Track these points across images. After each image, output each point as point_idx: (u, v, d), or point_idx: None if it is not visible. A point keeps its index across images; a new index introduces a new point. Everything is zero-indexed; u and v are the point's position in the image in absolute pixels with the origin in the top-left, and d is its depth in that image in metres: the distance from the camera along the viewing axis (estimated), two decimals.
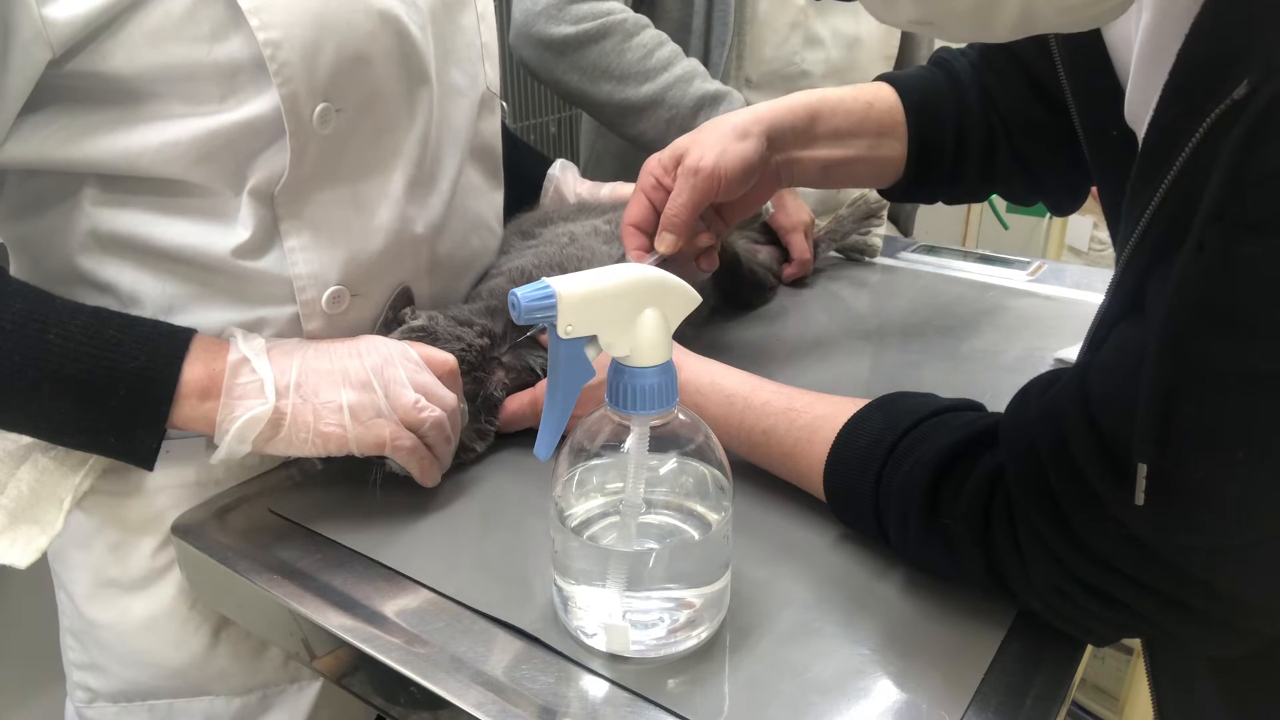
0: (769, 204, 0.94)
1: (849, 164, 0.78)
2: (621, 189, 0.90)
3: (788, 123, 0.75)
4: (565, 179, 0.95)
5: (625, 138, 1.11)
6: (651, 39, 1.05)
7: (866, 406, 0.59)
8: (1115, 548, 0.45)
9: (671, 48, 1.06)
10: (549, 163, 0.95)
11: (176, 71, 0.56)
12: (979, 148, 0.78)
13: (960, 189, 0.82)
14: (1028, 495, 0.48)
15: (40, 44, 0.53)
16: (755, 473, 0.65)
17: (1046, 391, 0.50)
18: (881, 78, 0.80)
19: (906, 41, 1.27)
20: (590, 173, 1.30)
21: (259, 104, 0.58)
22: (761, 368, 0.67)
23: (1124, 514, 0.44)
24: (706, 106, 1.05)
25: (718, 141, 0.72)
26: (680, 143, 0.75)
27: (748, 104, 1.09)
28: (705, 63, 1.11)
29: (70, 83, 0.56)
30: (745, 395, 0.64)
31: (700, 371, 0.66)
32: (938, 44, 1.32)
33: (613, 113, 1.08)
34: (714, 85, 1.06)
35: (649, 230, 0.75)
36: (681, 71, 1.05)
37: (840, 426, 0.58)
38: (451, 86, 0.73)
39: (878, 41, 1.22)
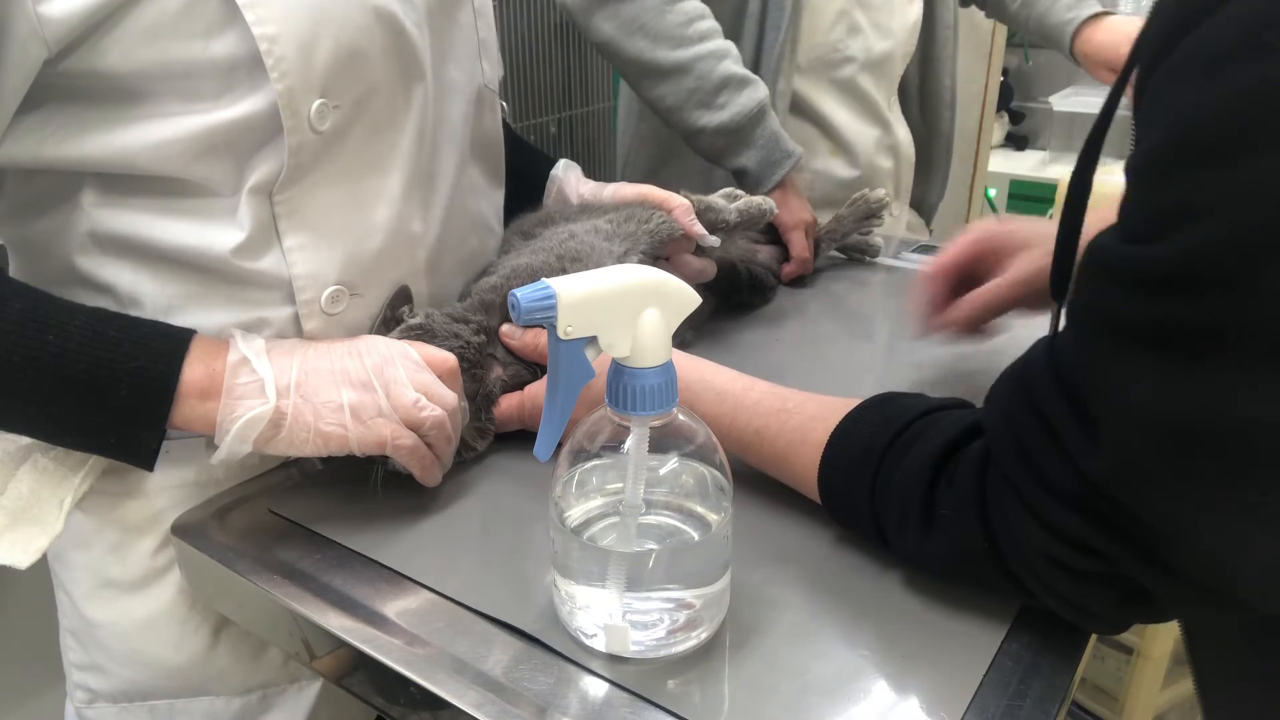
0: (774, 203, 0.95)
1: None
2: (624, 190, 0.90)
3: None
4: (568, 179, 0.94)
5: (644, 99, 1.13)
6: (694, 9, 1.07)
7: (857, 408, 0.59)
8: (1086, 496, 0.45)
9: (712, 24, 1.08)
10: (552, 163, 0.95)
11: (173, 68, 0.56)
12: None
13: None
14: (1006, 458, 0.49)
15: (36, 42, 0.53)
16: (754, 474, 0.65)
17: (1021, 357, 0.52)
18: None
19: (926, 38, 1.31)
20: (632, 157, 1.32)
21: (256, 100, 0.58)
22: (761, 368, 0.66)
23: (1080, 454, 0.45)
24: (731, 88, 1.06)
25: None
26: (1029, 237, 0.75)
27: (791, 90, 1.12)
28: (759, 46, 1.14)
29: (67, 81, 0.56)
30: (736, 394, 0.64)
31: (689, 369, 0.66)
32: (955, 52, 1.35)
33: (638, 71, 1.09)
34: (742, 70, 1.07)
35: (954, 281, 0.76)
36: (715, 47, 1.06)
37: (832, 429, 0.58)
38: (448, 84, 0.73)
39: (900, 43, 1.27)
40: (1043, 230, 0.75)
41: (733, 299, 0.98)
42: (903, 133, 1.33)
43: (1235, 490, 0.41)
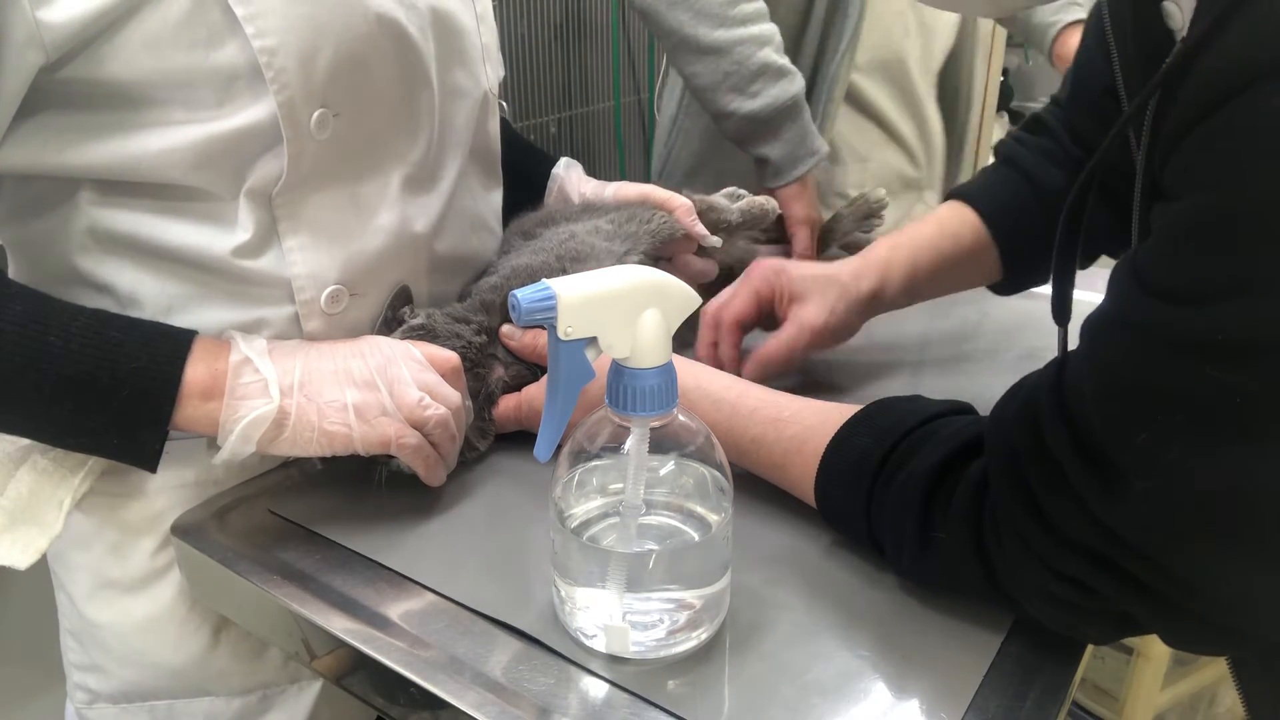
0: (776, 204, 0.95)
1: (947, 289, 0.84)
2: (626, 189, 0.89)
3: (894, 287, 0.81)
4: (569, 178, 0.94)
5: (680, 73, 1.13)
6: None
7: (853, 418, 0.58)
8: (1091, 538, 0.45)
9: (758, 6, 1.08)
10: (553, 162, 0.95)
11: (174, 78, 0.56)
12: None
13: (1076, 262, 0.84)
14: (1008, 494, 0.48)
15: (35, 47, 0.53)
16: (754, 475, 0.65)
17: (1025, 389, 0.51)
18: (953, 194, 0.84)
19: (962, 37, 1.34)
20: (675, 150, 1.32)
21: (256, 110, 0.58)
22: None
23: (1097, 503, 0.44)
24: (767, 76, 1.06)
25: (836, 303, 0.78)
26: (798, 277, 0.80)
27: (845, 91, 1.15)
28: (821, 47, 1.14)
29: (66, 88, 0.56)
30: (732, 401, 0.63)
31: (685, 374, 0.65)
32: (989, 67, 1.38)
33: (675, 44, 1.09)
34: (781, 60, 1.07)
35: (747, 326, 0.81)
36: (757, 32, 1.06)
37: (828, 438, 0.58)
38: (454, 88, 0.73)
39: (944, 39, 1.30)
40: (816, 278, 0.80)
41: None
42: (937, 125, 1.36)
43: (1263, 548, 0.41)
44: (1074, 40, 1.34)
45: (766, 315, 0.81)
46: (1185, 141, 0.41)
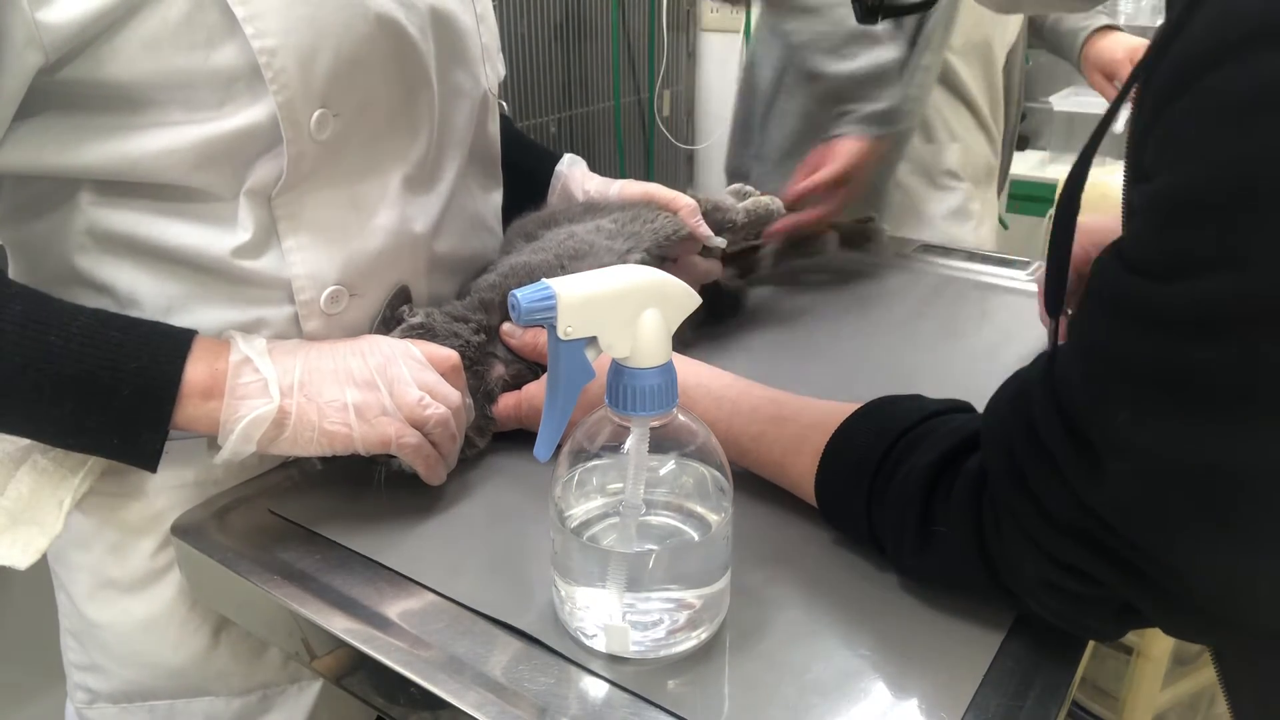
0: (781, 204, 0.95)
1: None
2: (630, 188, 0.89)
3: None
4: (573, 175, 0.93)
5: (777, 30, 1.15)
6: None
7: (853, 415, 0.58)
8: (1085, 524, 0.45)
9: None
10: (556, 158, 0.95)
11: (174, 79, 0.56)
12: None
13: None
14: (1005, 484, 0.48)
15: (34, 48, 0.53)
16: (754, 474, 0.65)
17: (1018, 381, 0.51)
18: None
19: (1020, 35, 1.38)
20: (770, 134, 1.30)
21: (256, 111, 0.58)
22: (762, 367, 0.67)
23: (1084, 489, 0.44)
24: (864, 41, 1.07)
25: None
26: (1099, 231, 0.83)
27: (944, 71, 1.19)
28: (918, 29, 1.15)
29: (66, 89, 0.56)
30: (733, 399, 0.63)
31: (686, 373, 0.66)
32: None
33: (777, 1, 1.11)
34: (878, 28, 1.08)
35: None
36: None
37: (828, 436, 0.58)
38: (455, 88, 0.73)
39: (1009, 35, 1.33)
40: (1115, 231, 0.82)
41: (712, 311, 0.96)
42: (1002, 116, 1.39)
43: (1242, 529, 0.41)
44: (1102, 45, 1.36)
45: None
46: (1159, 122, 0.41)
